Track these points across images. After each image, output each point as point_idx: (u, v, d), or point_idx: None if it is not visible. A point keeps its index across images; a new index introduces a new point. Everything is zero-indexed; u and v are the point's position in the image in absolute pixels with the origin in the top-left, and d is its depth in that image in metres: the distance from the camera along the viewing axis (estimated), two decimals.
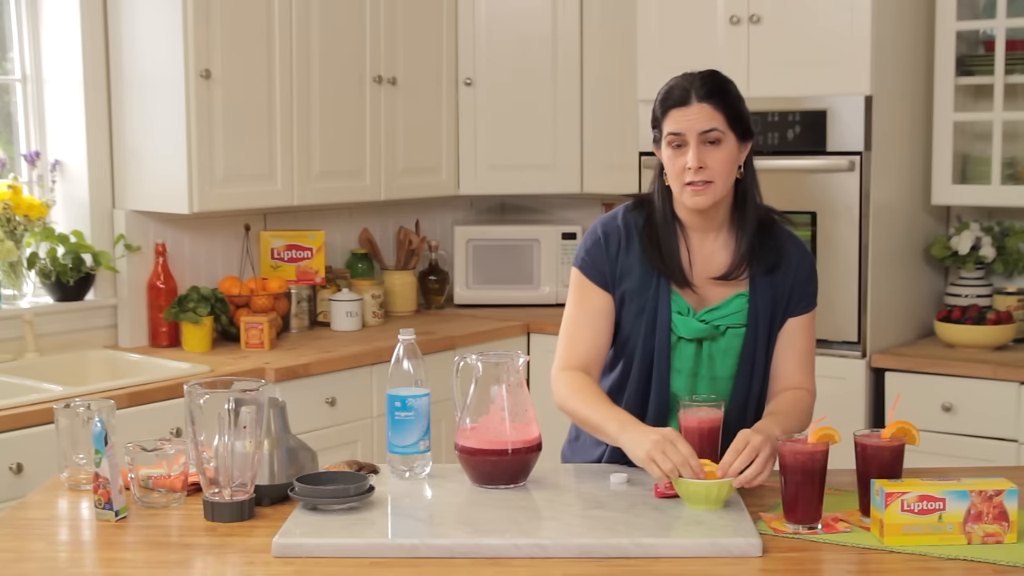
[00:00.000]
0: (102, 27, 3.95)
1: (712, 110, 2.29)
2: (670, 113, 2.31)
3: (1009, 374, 3.68)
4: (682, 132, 2.29)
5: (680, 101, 2.31)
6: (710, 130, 2.29)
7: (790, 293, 2.40)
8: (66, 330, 3.91)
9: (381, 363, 3.94)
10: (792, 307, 2.41)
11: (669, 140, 2.32)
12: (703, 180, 2.29)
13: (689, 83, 2.32)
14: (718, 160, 2.30)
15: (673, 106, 2.31)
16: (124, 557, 2.02)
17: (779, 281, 2.40)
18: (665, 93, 2.34)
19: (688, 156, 2.29)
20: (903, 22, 4.00)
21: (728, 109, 2.32)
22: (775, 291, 2.39)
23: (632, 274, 2.38)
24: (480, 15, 4.71)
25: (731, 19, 4.01)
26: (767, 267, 2.38)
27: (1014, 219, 4.20)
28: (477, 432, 2.28)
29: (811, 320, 2.45)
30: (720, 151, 2.30)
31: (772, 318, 2.40)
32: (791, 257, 2.42)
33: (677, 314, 2.37)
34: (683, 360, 2.40)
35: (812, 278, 2.45)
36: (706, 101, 2.30)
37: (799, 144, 3.95)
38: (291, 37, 4.08)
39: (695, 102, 2.30)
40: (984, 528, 2.00)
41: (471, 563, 1.94)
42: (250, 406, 2.12)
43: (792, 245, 2.43)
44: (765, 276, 2.39)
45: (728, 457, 2.16)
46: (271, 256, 4.36)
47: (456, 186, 4.79)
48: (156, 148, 3.90)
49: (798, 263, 2.42)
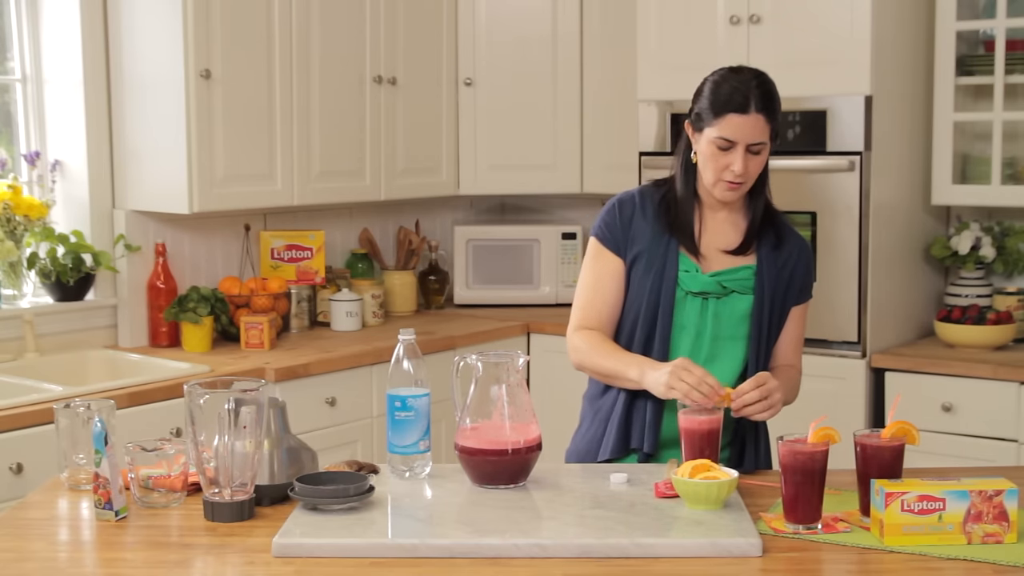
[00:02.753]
0: (102, 27, 3.95)
1: (765, 123, 2.41)
2: (727, 117, 2.39)
3: (1009, 374, 3.68)
4: (735, 141, 2.40)
5: (740, 108, 2.39)
6: (760, 143, 2.42)
7: (790, 280, 2.55)
8: (66, 330, 3.91)
9: (381, 363, 3.94)
10: (792, 295, 2.56)
11: (719, 142, 2.41)
12: (740, 181, 2.43)
13: (747, 88, 2.41)
14: (757, 166, 2.45)
15: (733, 111, 2.39)
16: (124, 557, 2.02)
17: (783, 264, 2.53)
18: (726, 95, 2.41)
19: (735, 162, 2.40)
20: (903, 22, 4.00)
21: (775, 122, 2.44)
22: (779, 271, 2.53)
23: (643, 237, 2.50)
24: (480, 15, 4.71)
25: (731, 19, 4.01)
26: (772, 245, 2.53)
27: (1014, 219, 4.20)
28: (477, 432, 2.28)
29: (806, 309, 2.64)
30: (760, 159, 2.45)
31: (774, 292, 2.52)
32: (794, 246, 2.57)
33: (684, 272, 2.48)
34: (688, 316, 2.49)
35: (811, 271, 2.63)
36: (762, 113, 2.40)
37: (799, 144, 3.95)
38: (291, 37, 4.08)
39: (753, 112, 2.39)
40: (984, 528, 2.00)
41: (471, 563, 1.94)
42: (250, 406, 2.12)
43: (795, 236, 2.59)
44: (771, 253, 2.52)
45: (746, 386, 2.31)
46: (271, 256, 4.36)
47: (456, 186, 4.79)
48: (156, 148, 3.90)
49: (799, 252, 2.58)
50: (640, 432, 2.49)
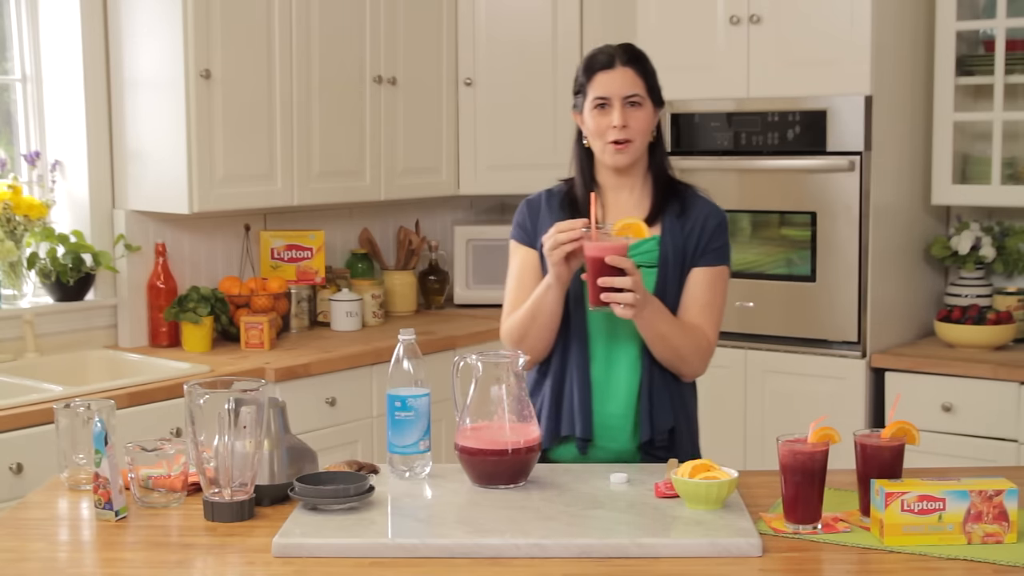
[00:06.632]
0: (102, 27, 3.95)
1: (635, 75, 2.53)
2: (596, 76, 2.53)
3: (1009, 374, 3.69)
4: (609, 96, 2.51)
5: (606, 65, 2.53)
6: (633, 94, 2.51)
7: (697, 240, 2.54)
8: (66, 330, 3.91)
9: (381, 363, 3.94)
10: (697, 257, 2.54)
11: (595, 103, 2.52)
12: (625, 139, 2.50)
13: (611, 48, 2.56)
14: (639, 120, 2.52)
15: (600, 69, 2.53)
16: (124, 557, 2.02)
17: (688, 229, 2.55)
18: (589, 60, 2.56)
19: (613, 116, 2.50)
20: (903, 22, 4.01)
21: (647, 76, 2.55)
22: (685, 238, 2.54)
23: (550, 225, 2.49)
24: (480, 15, 4.71)
25: (731, 19, 4.01)
26: (676, 214, 2.55)
27: (1014, 219, 4.20)
28: (477, 432, 2.28)
29: (717, 276, 2.56)
30: (640, 113, 2.52)
31: (683, 263, 2.54)
32: (702, 209, 2.58)
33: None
34: None
35: (721, 235, 2.58)
36: (629, 66, 2.53)
37: (799, 144, 3.95)
38: (291, 37, 4.08)
39: (619, 66, 2.52)
40: (984, 528, 2.00)
41: (471, 563, 1.94)
42: (250, 406, 2.12)
43: (704, 203, 2.60)
44: (676, 221, 2.55)
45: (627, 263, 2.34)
46: (271, 256, 4.36)
47: (456, 186, 4.79)
48: (156, 148, 3.90)
49: (708, 215, 2.57)
50: (570, 418, 2.52)
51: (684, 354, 2.49)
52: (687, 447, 2.57)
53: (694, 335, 2.51)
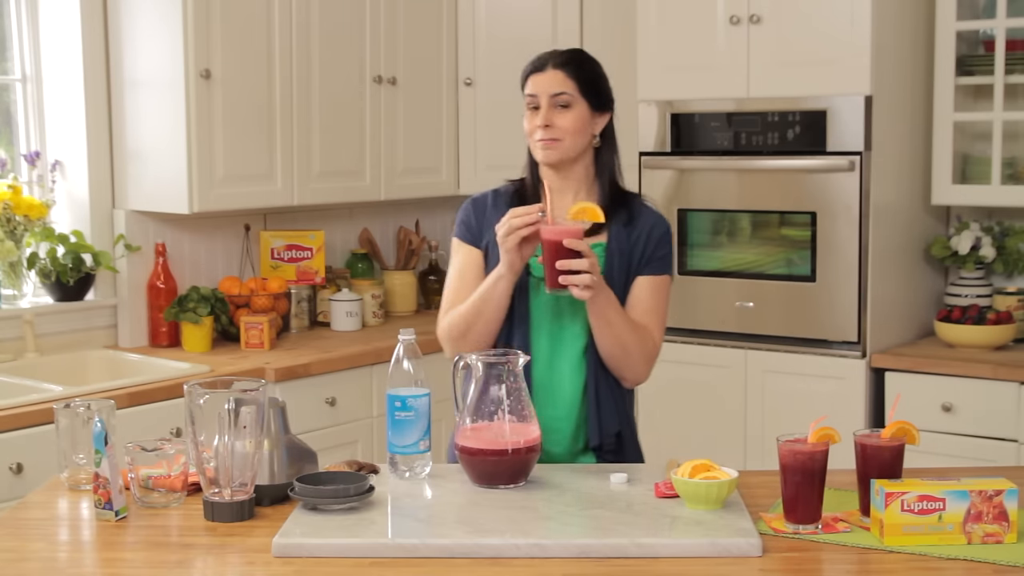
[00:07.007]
0: (102, 27, 3.95)
1: (564, 76, 2.55)
2: (529, 78, 2.59)
3: (1009, 374, 3.68)
4: (536, 95, 2.56)
5: (537, 67, 2.59)
6: (560, 94, 2.54)
7: (643, 249, 2.54)
8: (66, 330, 3.91)
9: (381, 363, 3.94)
10: (642, 266, 2.55)
11: (527, 102, 2.59)
12: (551, 138, 2.53)
13: (549, 54, 2.60)
14: (567, 120, 2.54)
15: (532, 72, 2.59)
16: (124, 557, 2.02)
17: (634, 238, 2.55)
18: (529, 63, 2.62)
19: (539, 116, 2.55)
20: (903, 22, 4.00)
21: (580, 77, 2.56)
22: (631, 246, 2.54)
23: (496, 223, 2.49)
24: (480, 15, 4.71)
25: (731, 19, 4.01)
26: (624, 223, 2.55)
27: (1014, 219, 4.20)
28: (477, 432, 2.28)
29: (661, 284, 2.57)
30: (569, 114, 2.54)
31: (628, 271, 2.54)
32: (647, 219, 2.58)
33: (533, 258, 2.49)
34: (541, 300, 2.51)
35: (665, 244, 2.59)
36: (560, 68, 2.56)
37: (799, 144, 3.95)
38: (291, 37, 4.08)
39: (550, 69, 2.57)
40: (984, 528, 2.00)
41: (471, 563, 1.94)
42: (250, 406, 2.12)
43: (651, 213, 2.60)
44: (623, 230, 2.55)
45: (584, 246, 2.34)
46: (271, 256, 4.36)
47: (456, 186, 4.79)
48: (156, 148, 3.90)
49: (653, 224, 2.58)
50: None
51: (630, 348, 2.47)
52: (631, 451, 2.58)
53: (641, 333, 2.50)
